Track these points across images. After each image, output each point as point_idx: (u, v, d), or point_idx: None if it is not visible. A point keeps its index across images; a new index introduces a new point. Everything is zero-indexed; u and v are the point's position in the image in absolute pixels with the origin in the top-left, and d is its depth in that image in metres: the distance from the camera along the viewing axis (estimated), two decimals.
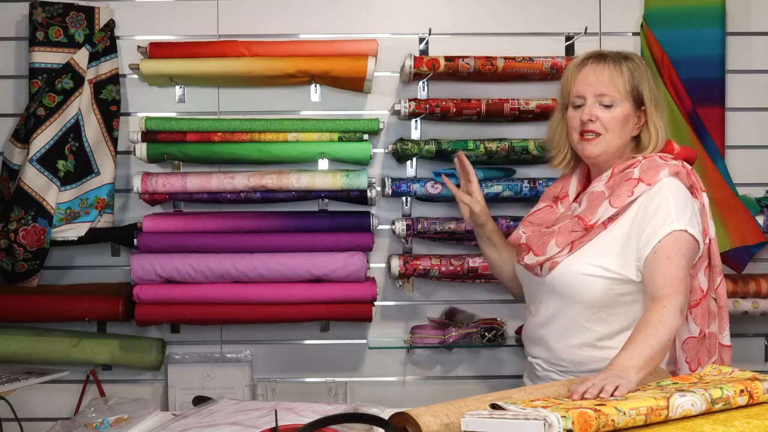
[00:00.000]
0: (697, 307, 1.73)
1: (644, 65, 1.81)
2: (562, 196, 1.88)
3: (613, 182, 1.75)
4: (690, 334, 1.74)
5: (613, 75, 1.75)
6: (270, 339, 2.62)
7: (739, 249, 2.39)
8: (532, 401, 1.25)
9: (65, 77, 2.38)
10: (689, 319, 1.72)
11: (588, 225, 1.72)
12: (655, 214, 1.67)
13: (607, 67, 1.76)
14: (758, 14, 2.62)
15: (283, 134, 2.41)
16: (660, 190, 1.69)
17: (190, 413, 1.68)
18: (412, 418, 1.28)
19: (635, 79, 1.76)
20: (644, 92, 1.76)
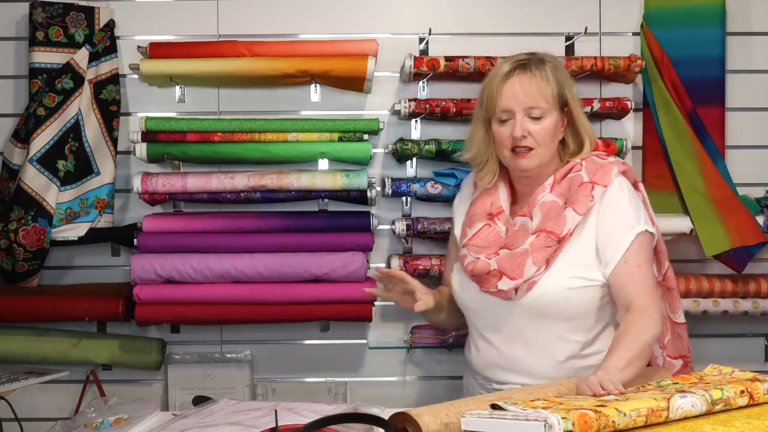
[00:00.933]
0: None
1: (560, 63, 1.81)
2: (496, 213, 1.82)
3: (562, 189, 1.74)
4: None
5: (540, 85, 1.72)
6: (270, 339, 2.62)
7: (739, 249, 2.39)
8: (533, 401, 1.25)
9: (65, 77, 2.38)
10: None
11: (561, 237, 1.70)
12: (614, 221, 1.69)
13: (534, 77, 1.72)
14: (758, 14, 2.62)
15: (283, 134, 2.41)
16: (614, 192, 1.71)
17: (190, 413, 1.68)
18: (412, 418, 1.28)
19: (559, 84, 1.74)
20: (567, 94, 1.75)
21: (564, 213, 1.71)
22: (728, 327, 2.64)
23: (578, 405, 1.23)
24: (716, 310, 2.49)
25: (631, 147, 2.48)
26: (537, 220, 1.74)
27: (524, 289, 1.72)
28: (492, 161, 1.82)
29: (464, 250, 1.82)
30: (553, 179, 1.75)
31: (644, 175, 2.58)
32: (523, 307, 1.73)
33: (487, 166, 1.83)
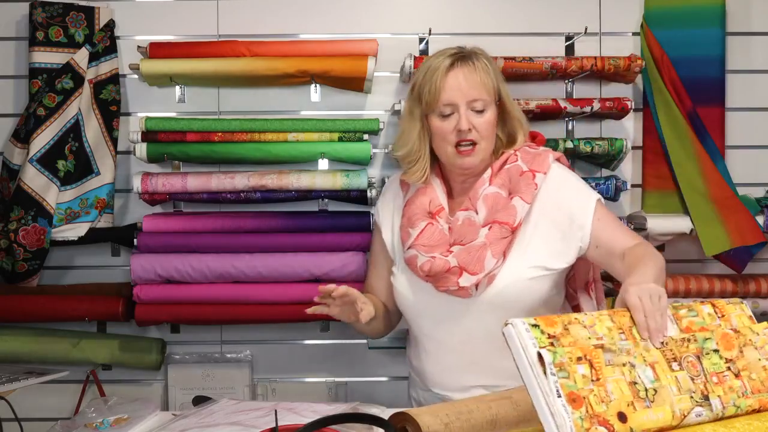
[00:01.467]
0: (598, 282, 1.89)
1: (488, 55, 1.78)
2: (436, 211, 1.78)
3: (502, 180, 1.73)
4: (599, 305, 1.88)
5: (482, 77, 1.70)
6: (270, 339, 2.62)
7: (739, 249, 2.38)
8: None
9: (65, 77, 2.38)
10: (594, 292, 1.87)
11: (514, 227, 1.69)
12: (571, 196, 1.73)
13: (476, 69, 1.70)
14: (758, 14, 2.62)
15: (283, 134, 2.41)
16: (557, 175, 1.75)
17: (190, 413, 1.68)
18: (412, 418, 1.28)
19: (496, 76, 1.75)
20: (501, 87, 1.75)
21: (511, 203, 1.69)
22: None
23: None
24: None
25: (631, 147, 2.48)
26: (483, 213, 1.71)
27: (484, 284, 1.69)
28: (424, 158, 1.78)
29: (412, 251, 1.76)
30: (491, 171, 1.75)
31: (644, 175, 2.58)
32: (482, 302, 1.70)
33: (418, 163, 1.79)
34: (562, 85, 2.58)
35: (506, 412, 1.32)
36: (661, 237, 2.49)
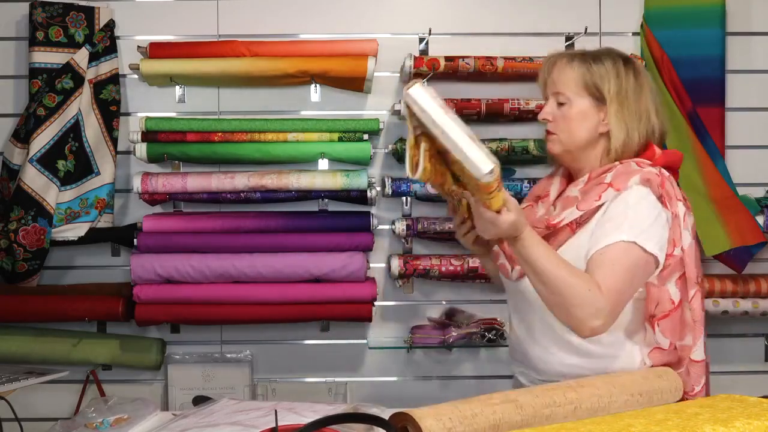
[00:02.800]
0: (667, 319, 1.62)
1: (615, 63, 1.71)
2: (543, 196, 1.80)
3: (588, 188, 1.68)
4: (657, 345, 1.63)
5: (566, 71, 1.70)
6: (270, 339, 2.62)
7: (739, 249, 2.39)
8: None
9: (65, 77, 2.38)
10: (656, 330, 1.62)
11: (550, 224, 1.65)
12: (609, 220, 1.59)
13: (564, 63, 1.71)
14: (758, 14, 2.62)
15: (283, 134, 2.41)
16: (624, 197, 1.61)
17: (190, 413, 1.68)
18: (413, 419, 1.28)
19: (594, 75, 1.69)
20: (604, 88, 1.69)
21: (571, 207, 1.68)
22: (728, 327, 2.64)
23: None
24: (716, 310, 2.49)
25: None
26: (557, 210, 1.72)
27: (517, 272, 1.69)
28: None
29: None
30: (588, 177, 1.70)
31: None
32: (520, 290, 1.71)
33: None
34: None
35: (510, 416, 1.31)
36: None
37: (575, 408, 1.36)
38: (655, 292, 1.61)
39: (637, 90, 1.70)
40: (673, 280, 1.62)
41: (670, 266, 1.60)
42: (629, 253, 1.56)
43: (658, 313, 1.62)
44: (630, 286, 1.57)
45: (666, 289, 1.61)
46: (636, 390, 1.46)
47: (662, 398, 1.51)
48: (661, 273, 1.60)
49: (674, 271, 1.62)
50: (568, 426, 1.25)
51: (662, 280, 1.61)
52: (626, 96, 1.69)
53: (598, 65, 1.70)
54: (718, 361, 2.63)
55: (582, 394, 1.43)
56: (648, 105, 1.70)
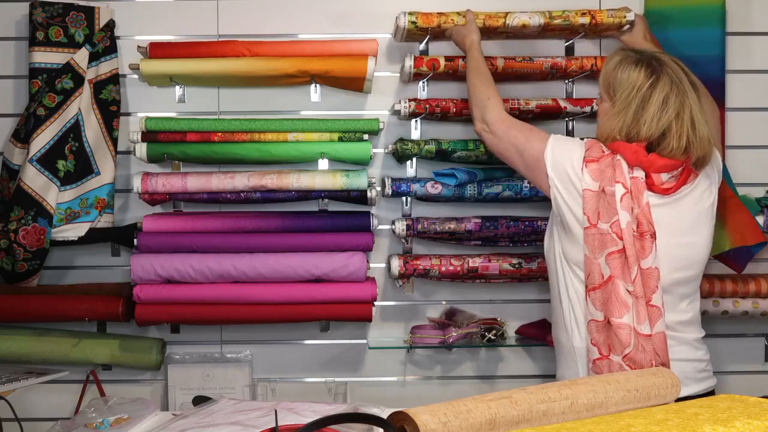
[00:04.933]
0: (596, 291, 1.80)
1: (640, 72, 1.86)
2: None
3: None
4: (592, 317, 1.81)
5: (602, 69, 1.95)
6: (270, 339, 2.62)
7: (739, 249, 2.38)
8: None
9: (65, 77, 2.38)
10: (588, 301, 1.81)
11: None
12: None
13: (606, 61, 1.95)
14: (758, 14, 2.62)
15: (283, 134, 2.41)
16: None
17: (190, 413, 1.68)
18: (410, 417, 1.28)
19: (615, 79, 1.88)
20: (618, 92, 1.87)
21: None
22: (728, 327, 2.64)
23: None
24: (716, 310, 2.49)
25: None
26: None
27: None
28: None
29: None
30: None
31: None
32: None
33: None
34: (562, 85, 2.58)
35: (506, 411, 1.32)
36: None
37: (571, 403, 1.36)
38: (588, 263, 1.81)
39: (642, 103, 1.83)
40: (604, 254, 1.78)
41: (595, 236, 1.80)
42: (539, 136, 1.95)
43: (589, 285, 1.81)
44: (517, 146, 1.98)
45: (597, 263, 1.79)
46: (632, 386, 1.47)
47: (659, 393, 1.51)
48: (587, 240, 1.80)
49: (606, 244, 1.79)
50: (567, 426, 1.25)
51: (594, 254, 1.79)
52: (628, 105, 1.84)
53: (622, 71, 1.88)
54: (718, 361, 2.63)
55: (576, 390, 1.43)
56: (647, 116, 1.82)
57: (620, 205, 1.78)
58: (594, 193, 1.81)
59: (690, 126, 1.80)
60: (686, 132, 1.80)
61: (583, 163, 1.83)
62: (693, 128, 1.81)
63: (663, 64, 1.86)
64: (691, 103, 1.82)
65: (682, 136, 1.80)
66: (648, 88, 1.82)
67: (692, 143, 1.80)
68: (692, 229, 1.87)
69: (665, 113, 1.80)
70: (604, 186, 1.81)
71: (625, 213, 1.78)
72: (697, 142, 1.81)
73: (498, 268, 2.45)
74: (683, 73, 1.86)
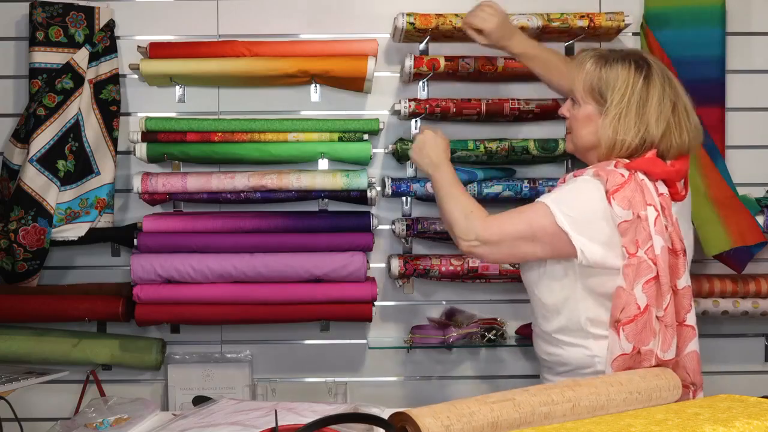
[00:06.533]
0: (631, 324, 1.62)
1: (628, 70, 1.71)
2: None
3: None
4: (622, 351, 1.63)
5: (580, 72, 1.75)
6: (270, 339, 2.62)
7: (739, 249, 2.39)
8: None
9: (65, 77, 2.38)
10: (620, 335, 1.62)
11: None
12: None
13: (581, 64, 1.76)
14: (758, 14, 2.62)
15: (283, 134, 2.41)
16: (573, 180, 1.70)
17: (190, 413, 1.68)
18: (411, 419, 1.28)
19: (601, 81, 1.72)
20: (607, 95, 1.71)
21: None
22: (728, 327, 2.64)
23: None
24: (716, 310, 2.49)
25: None
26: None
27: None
28: None
29: None
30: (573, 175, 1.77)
31: None
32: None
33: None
34: None
35: (508, 414, 1.32)
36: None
37: (573, 406, 1.36)
38: (624, 295, 1.62)
39: (641, 102, 1.70)
40: (641, 283, 1.62)
41: (633, 266, 1.61)
42: (537, 210, 1.67)
43: (623, 318, 1.62)
44: (520, 235, 1.68)
45: (633, 293, 1.62)
46: (634, 388, 1.47)
47: (661, 396, 1.51)
48: (626, 272, 1.61)
49: (642, 273, 1.61)
50: (567, 426, 1.26)
51: (629, 285, 1.61)
52: (627, 106, 1.70)
53: (609, 70, 1.72)
54: (719, 361, 2.64)
55: (579, 392, 1.44)
56: (650, 115, 1.69)
57: (654, 229, 1.62)
58: (629, 223, 1.62)
59: (686, 115, 1.72)
60: (684, 122, 1.71)
61: (607, 196, 1.62)
62: (688, 117, 1.72)
63: (646, 58, 1.75)
64: (681, 92, 1.74)
65: (682, 127, 1.71)
66: (643, 84, 1.70)
67: (690, 132, 1.72)
68: (688, 229, 1.81)
69: (665, 107, 1.70)
70: (638, 212, 1.62)
71: (658, 237, 1.63)
72: (692, 130, 1.72)
73: (498, 268, 2.45)
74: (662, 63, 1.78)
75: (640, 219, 1.62)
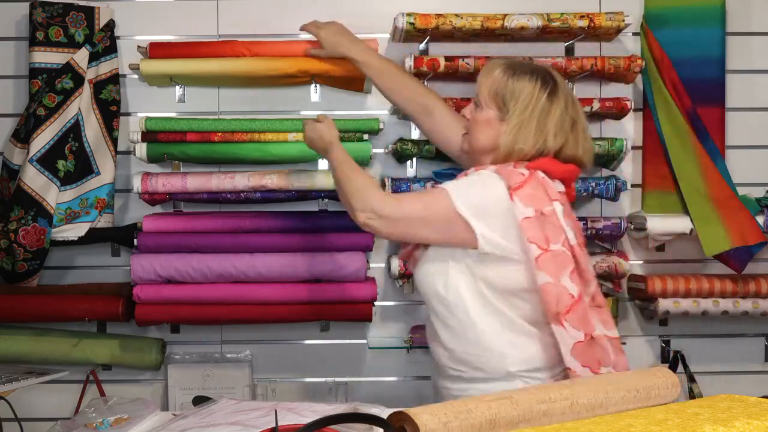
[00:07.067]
0: (571, 313, 1.69)
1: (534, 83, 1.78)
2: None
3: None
4: (575, 340, 1.69)
5: (487, 78, 1.83)
6: (270, 339, 2.62)
7: (739, 249, 2.39)
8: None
9: (65, 77, 2.38)
10: (566, 325, 1.69)
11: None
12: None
13: (489, 70, 1.84)
14: (758, 14, 2.62)
15: (283, 134, 2.41)
16: (475, 172, 1.78)
17: (190, 413, 1.68)
18: (410, 417, 1.28)
19: (507, 89, 1.79)
20: (510, 104, 1.78)
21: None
22: (728, 327, 2.64)
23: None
24: (716, 310, 2.49)
25: (631, 147, 2.48)
26: None
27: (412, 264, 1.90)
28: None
29: None
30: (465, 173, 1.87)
31: (644, 175, 2.58)
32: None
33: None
34: None
35: (506, 411, 1.32)
36: (661, 237, 2.49)
37: (571, 404, 1.36)
38: (553, 289, 1.69)
39: (543, 114, 1.78)
40: (567, 274, 1.70)
41: (551, 260, 1.69)
42: (435, 194, 1.75)
43: (562, 309, 1.69)
44: (415, 215, 1.75)
45: (562, 284, 1.69)
46: (632, 386, 1.47)
47: (660, 394, 1.51)
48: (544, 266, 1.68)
49: (565, 265, 1.70)
50: (567, 426, 1.26)
51: (556, 277, 1.69)
52: (529, 117, 1.77)
53: (516, 81, 1.80)
54: (718, 361, 2.64)
55: (577, 390, 1.44)
56: (549, 129, 1.77)
57: (564, 222, 1.72)
58: (533, 219, 1.70)
59: (582, 134, 1.82)
60: (581, 140, 1.81)
61: (509, 192, 1.71)
62: (584, 137, 1.83)
63: (553, 75, 1.83)
64: (580, 112, 1.83)
65: (578, 144, 1.80)
66: (547, 99, 1.78)
67: (585, 151, 1.82)
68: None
69: (566, 123, 1.78)
70: (540, 209, 1.71)
71: (569, 229, 1.73)
72: (587, 149, 1.83)
73: None
74: (565, 83, 1.87)
75: (544, 215, 1.70)
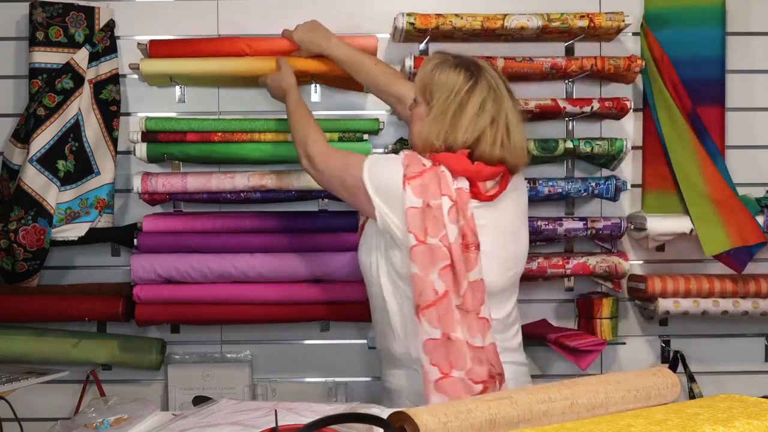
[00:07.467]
0: (431, 309, 1.69)
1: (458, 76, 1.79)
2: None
3: None
4: (428, 336, 1.69)
5: (419, 71, 1.88)
6: (270, 339, 2.62)
7: (739, 249, 2.39)
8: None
9: (65, 77, 2.38)
10: (422, 320, 1.70)
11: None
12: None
13: (422, 65, 1.88)
14: (758, 14, 2.62)
15: (283, 134, 2.40)
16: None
17: (190, 413, 1.68)
18: (410, 417, 1.28)
19: (432, 83, 1.81)
20: (435, 96, 1.80)
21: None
22: (728, 327, 2.64)
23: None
24: (716, 310, 2.49)
25: (631, 147, 2.48)
26: None
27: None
28: None
29: None
30: None
31: (644, 175, 2.58)
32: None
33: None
34: (562, 85, 2.58)
35: (506, 411, 1.32)
36: (661, 237, 2.49)
37: (571, 403, 1.36)
38: (419, 282, 1.70)
39: (459, 108, 1.77)
40: (437, 270, 1.70)
41: (424, 253, 1.70)
42: (355, 159, 1.86)
43: (423, 303, 1.70)
44: (336, 172, 1.89)
45: (430, 279, 1.69)
46: (632, 386, 1.47)
47: (659, 394, 1.51)
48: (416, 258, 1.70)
49: (437, 260, 1.70)
50: (567, 426, 1.26)
51: (425, 271, 1.69)
52: (446, 110, 1.78)
53: (440, 74, 1.82)
54: (719, 361, 2.64)
55: (576, 390, 1.44)
56: (461, 124, 1.76)
57: (447, 218, 1.72)
58: (418, 210, 1.72)
59: (505, 132, 1.78)
60: (501, 138, 1.77)
61: (403, 180, 1.74)
62: (508, 134, 1.78)
63: (481, 69, 1.81)
64: (507, 109, 1.79)
65: (496, 141, 1.77)
66: (466, 92, 1.77)
67: (506, 149, 1.78)
68: (516, 229, 1.87)
69: (481, 118, 1.76)
70: (428, 201, 1.72)
71: (453, 226, 1.72)
72: (511, 148, 1.79)
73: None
74: (500, 79, 1.83)
75: (431, 208, 1.71)
